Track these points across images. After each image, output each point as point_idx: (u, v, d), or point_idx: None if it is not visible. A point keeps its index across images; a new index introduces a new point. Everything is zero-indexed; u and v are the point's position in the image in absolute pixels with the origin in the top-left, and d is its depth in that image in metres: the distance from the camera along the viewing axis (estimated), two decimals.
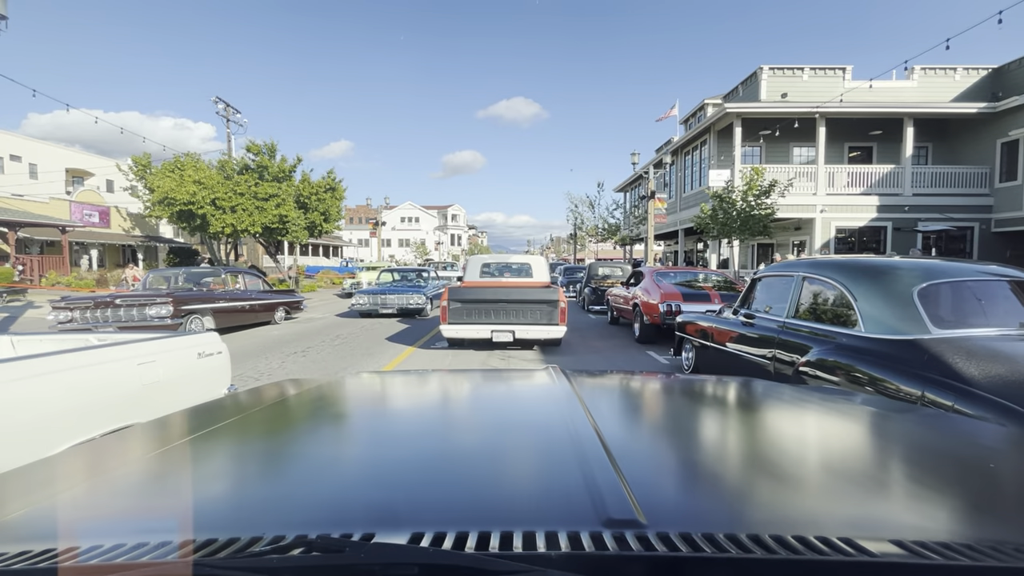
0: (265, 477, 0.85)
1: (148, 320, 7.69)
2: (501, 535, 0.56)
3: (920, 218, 16.95)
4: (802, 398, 1.41)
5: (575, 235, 40.41)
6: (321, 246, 50.48)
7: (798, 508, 0.70)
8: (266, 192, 20.31)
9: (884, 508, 0.70)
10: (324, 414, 1.30)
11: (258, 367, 6.59)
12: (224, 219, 19.39)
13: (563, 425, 1.00)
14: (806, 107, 16.51)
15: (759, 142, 18.80)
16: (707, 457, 0.95)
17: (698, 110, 25.07)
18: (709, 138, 19.43)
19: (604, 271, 16.05)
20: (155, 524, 0.63)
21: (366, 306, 12.15)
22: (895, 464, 0.95)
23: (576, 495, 0.67)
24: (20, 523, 0.65)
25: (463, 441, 1.04)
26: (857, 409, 1.33)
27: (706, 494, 0.74)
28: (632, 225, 27.07)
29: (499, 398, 1.51)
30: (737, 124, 17.37)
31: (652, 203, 18.30)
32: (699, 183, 20.99)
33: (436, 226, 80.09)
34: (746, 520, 0.64)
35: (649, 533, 0.55)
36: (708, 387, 1.55)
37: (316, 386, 1.46)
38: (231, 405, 1.32)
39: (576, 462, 0.78)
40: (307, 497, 0.73)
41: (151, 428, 1.12)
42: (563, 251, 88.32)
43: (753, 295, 4.50)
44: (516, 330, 7.23)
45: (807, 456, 0.98)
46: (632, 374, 2.07)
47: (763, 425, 1.22)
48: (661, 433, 1.16)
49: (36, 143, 28.73)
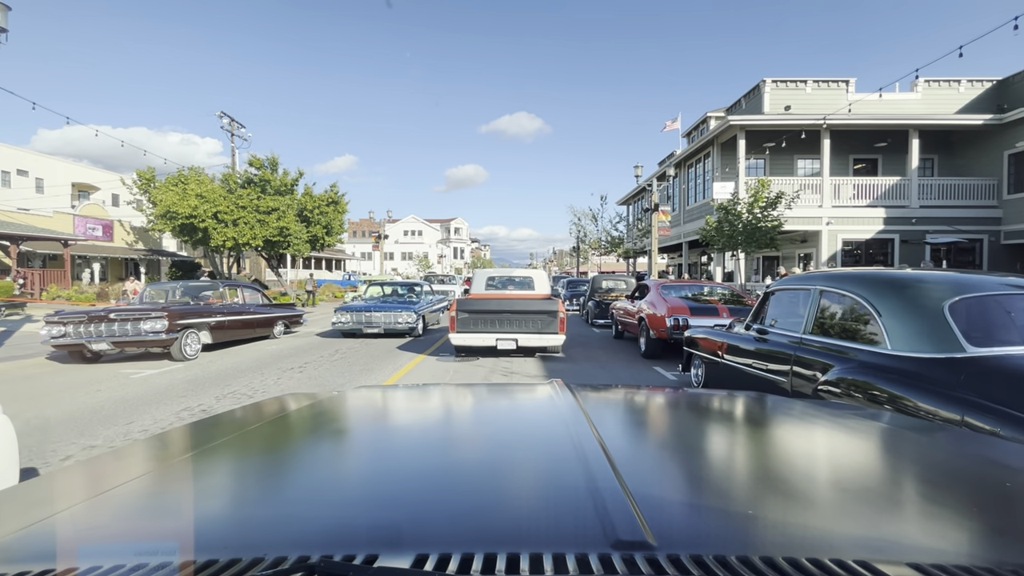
0: (266, 495, 0.82)
1: (143, 335, 7.52)
2: (508, 557, 0.54)
3: (928, 230, 16.75)
4: (814, 413, 1.35)
5: (578, 248, 40.31)
6: (324, 259, 50.59)
7: (812, 529, 0.67)
8: (268, 206, 20.30)
9: (901, 530, 0.68)
10: (325, 430, 1.28)
11: (252, 383, 6.41)
12: (226, 232, 19.35)
13: (568, 441, 0.97)
14: (810, 119, 16.44)
15: (763, 154, 18.71)
16: (716, 475, 0.92)
17: (701, 123, 25.09)
18: (712, 150, 19.37)
19: (608, 284, 15.87)
20: (154, 545, 0.61)
21: (348, 324, 10.66)
22: (911, 483, 0.91)
23: (583, 515, 0.65)
24: (18, 543, 0.63)
25: (466, 458, 1.01)
26: (870, 425, 1.28)
27: (717, 514, 0.71)
28: (636, 238, 26.89)
29: (502, 413, 1.47)
30: (741, 136, 17.31)
31: (656, 215, 18.17)
32: (703, 195, 20.89)
33: (439, 239, 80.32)
34: (759, 542, 0.61)
35: (659, 555, 0.53)
36: (716, 402, 1.51)
37: (317, 401, 1.44)
38: (231, 421, 1.29)
39: (583, 480, 0.76)
40: (309, 516, 0.70)
41: (149, 445, 1.11)
42: (566, 264, 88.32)
43: (766, 309, 4.34)
44: (519, 338, 7.75)
45: (820, 474, 0.94)
46: (637, 388, 2.02)
47: (774, 441, 1.18)
48: (669, 450, 1.12)
49: (42, 157, 28.97)
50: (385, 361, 8.14)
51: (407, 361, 8.10)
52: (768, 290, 4.48)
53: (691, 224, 22.04)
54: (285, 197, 21.24)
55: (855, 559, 0.53)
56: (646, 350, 8.29)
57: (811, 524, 0.69)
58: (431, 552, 0.55)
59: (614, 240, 28.56)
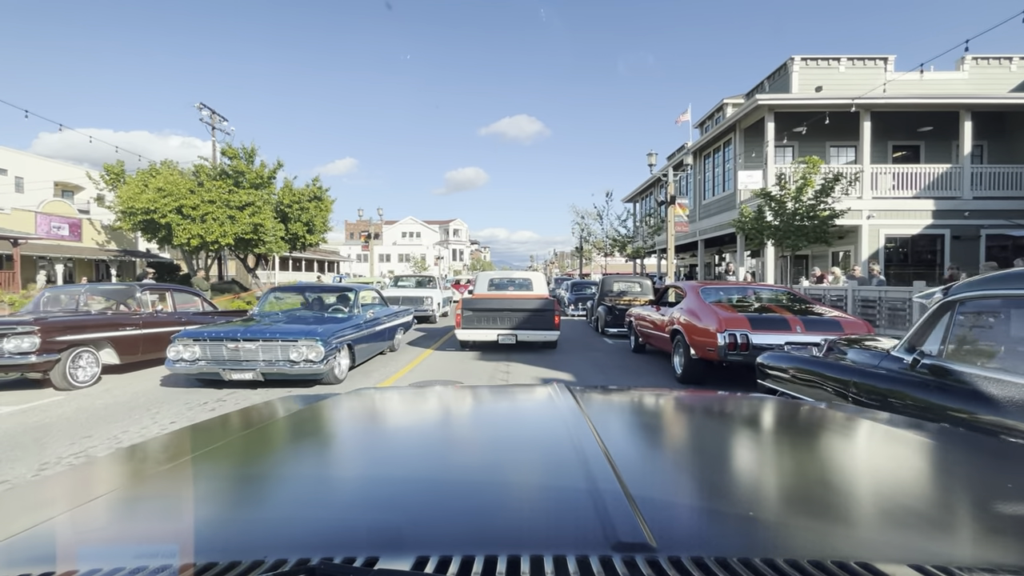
0: (266, 498, 0.81)
1: (4, 358, 5.53)
2: (508, 559, 0.54)
3: (983, 224, 14.75)
4: (814, 415, 1.32)
5: (581, 248, 38.27)
6: (316, 261, 48.54)
7: (813, 530, 0.66)
8: (241, 200, 18.31)
9: (902, 531, 0.67)
10: (325, 432, 1.25)
11: (134, 428, 4.40)
12: (191, 229, 17.34)
13: (569, 443, 0.95)
14: (848, 99, 14.44)
15: (789, 141, 16.72)
16: (717, 476, 0.89)
17: (716, 111, 23.12)
18: (734, 137, 17.39)
19: (620, 287, 13.88)
20: (154, 548, 0.60)
21: (198, 366, 5.78)
22: (911, 484, 0.90)
23: (584, 517, 0.64)
24: (17, 546, 0.62)
25: (466, 460, 0.98)
26: (870, 426, 1.22)
27: (718, 516, 0.70)
28: (646, 236, 24.75)
29: (502, 415, 1.43)
30: (769, 119, 15.31)
31: (672, 209, 16.16)
32: (722, 188, 18.87)
33: (437, 241, 78.30)
34: (759, 543, 0.60)
35: (660, 557, 0.53)
36: (717, 403, 1.52)
37: (317, 403, 1.40)
38: (231, 424, 1.24)
39: (583, 482, 0.75)
40: (309, 518, 0.69)
41: (149, 448, 1.12)
42: (567, 266, 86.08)
43: (946, 332, 2.52)
44: (518, 334, 8.77)
45: (821, 475, 0.92)
46: (638, 390, 1.75)
47: (775, 443, 1.16)
48: (669, 451, 1.10)
49: (23, 155, 27.13)
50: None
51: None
52: (948, 299, 2.57)
53: (708, 220, 20.03)
54: (261, 191, 19.24)
55: (856, 560, 0.53)
56: (684, 373, 6.30)
57: (812, 525, 0.68)
58: (431, 554, 0.55)
59: (622, 239, 26.29)
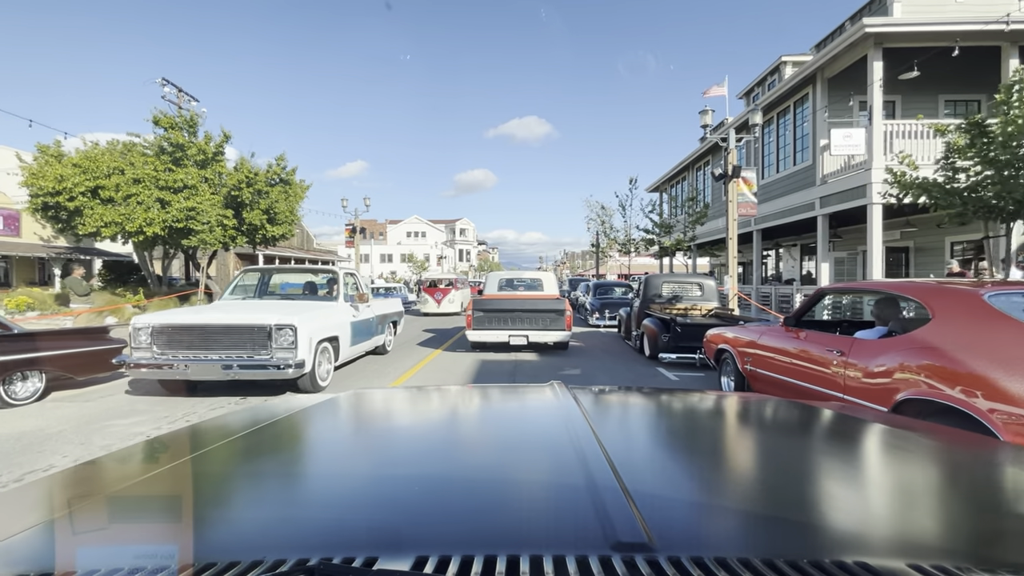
0: (265, 498, 0.80)
1: None
2: (507, 559, 0.54)
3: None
4: (815, 416, 1.33)
5: (598, 245, 33.99)
6: (309, 260, 44.79)
7: (812, 530, 0.67)
8: (180, 181, 14.49)
9: (900, 531, 0.68)
10: (324, 432, 1.25)
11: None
12: (105, 215, 13.52)
13: (568, 443, 0.95)
14: (1001, 20, 10.19)
15: (889, 95, 12.47)
16: (717, 476, 0.91)
17: (770, 73, 18.88)
18: (813, 91, 13.16)
19: (672, 288, 9.79)
20: (153, 548, 0.60)
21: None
22: (910, 484, 0.90)
23: (583, 517, 0.65)
24: (16, 546, 0.62)
25: (465, 460, 0.99)
26: (870, 427, 1.23)
27: (717, 516, 0.71)
28: (686, 226, 20.38)
29: (502, 415, 1.45)
30: (875, 55, 10.98)
31: (733, 185, 12.00)
32: (791, 161, 14.58)
33: (443, 241, 74.43)
34: (759, 543, 0.61)
35: (659, 557, 0.54)
36: (717, 403, 1.51)
37: (316, 403, 1.40)
38: (230, 424, 1.23)
39: (583, 482, 0.75)
40: (308, 518, 0.70)
41: (148, 448, 1.12)
42: (577, 267, 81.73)
43: None
44: (530, 335, 8.83)
45: (820, 476, 0.93)
46: (637, 390, 1.76)
47: (774, 443, 1.18)
48: (669, 451, 1.11)
49: None
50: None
51: None
52: None
53: (768, 204, 15.69)
54: (205, 170, 15.39)
55: (855, 560, 0.53)
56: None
57: (811, 525, 0.69)
58: (431, 554, 0.55)
59: (656, 230, 21.80)
